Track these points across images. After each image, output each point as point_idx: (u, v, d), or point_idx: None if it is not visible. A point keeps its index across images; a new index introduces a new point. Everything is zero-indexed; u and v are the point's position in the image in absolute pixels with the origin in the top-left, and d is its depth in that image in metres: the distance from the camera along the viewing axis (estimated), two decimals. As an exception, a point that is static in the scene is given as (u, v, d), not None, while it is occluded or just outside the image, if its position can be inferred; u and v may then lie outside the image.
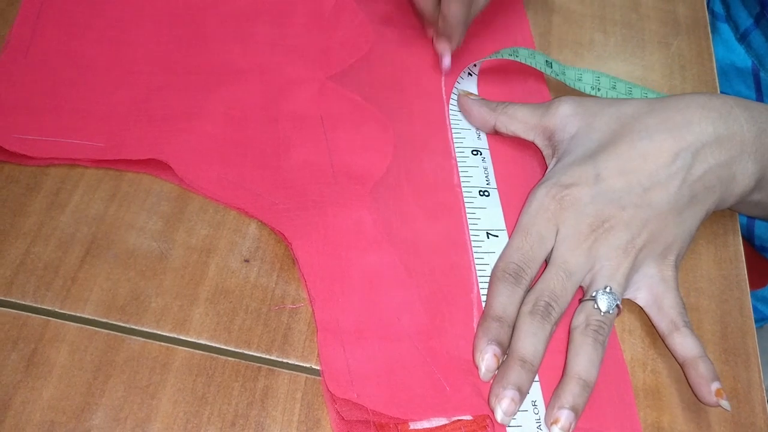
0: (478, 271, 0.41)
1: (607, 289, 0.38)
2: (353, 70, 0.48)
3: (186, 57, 0.47)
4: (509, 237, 0.42)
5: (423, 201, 0.43)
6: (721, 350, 0.40)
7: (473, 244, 0.42)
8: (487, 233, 0.42)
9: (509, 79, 0.50)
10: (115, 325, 0.37)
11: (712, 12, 0.68)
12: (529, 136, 0.45)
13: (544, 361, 0.37)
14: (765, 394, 0.39)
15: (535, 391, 0.37)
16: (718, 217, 0.46)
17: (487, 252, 0.41)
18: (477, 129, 0.47)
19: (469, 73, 0.50)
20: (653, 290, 0.40)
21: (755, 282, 0.57)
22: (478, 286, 0.40)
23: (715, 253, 0.44)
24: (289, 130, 0.44)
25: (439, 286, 0.40)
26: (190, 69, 0.47)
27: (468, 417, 0.35)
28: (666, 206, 0.40)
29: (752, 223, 0.69)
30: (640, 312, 0.41)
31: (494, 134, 0.47)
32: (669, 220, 0.40)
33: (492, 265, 0.41)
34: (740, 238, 0.45)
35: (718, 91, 0.54)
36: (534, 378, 0.37)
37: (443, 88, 0.49)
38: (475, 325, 0.38)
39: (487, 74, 0.50)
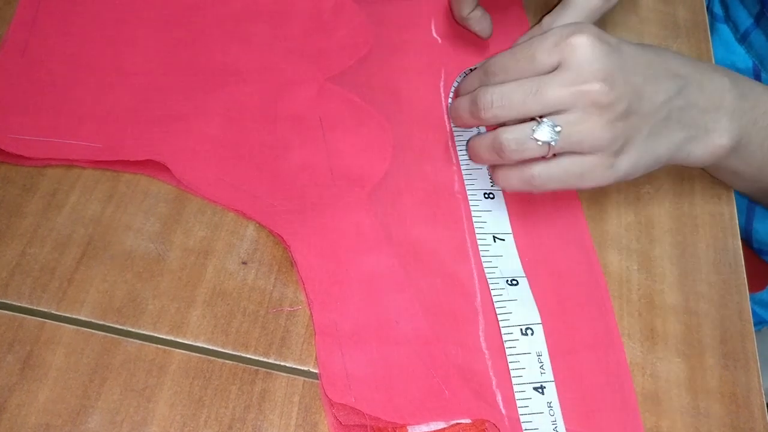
0: (488, 276, 0.40)
1: (557, 129, 0.38)
2: (352, 72, 0.48)
3: (184, 58, 0.47)
4: (515, 241, 0.42)
5: (423, 206, 0.43)
6: (720, 355, 0.40)
7: (480, 248, 0.41)
8: (494, 237, 0.42)
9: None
10: (111, 327, 0.37)
11: (711, 13, 0.68)
12: None
13: (559, 363, 0.38)
14: (764, 399, 0.39)
15: (551, 393, 0.37)
16: (717, 220, 0.46)
17: (494, 255, 0.41)
18: (479, 128, 0.47)
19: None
20: (574, 168, 0.40)
21: (753, 285, 0.57)
22: (482, 293, 0.40)
23: (714, 257, 0.44)
24: (288, 132, 0.44)
25: (438, 292, 0.39)
26: (188, 70, 0.46)
27: (467, 421, 0.35)
28: (647, 108, 0.40)
29: (750, 226, 0.69)
30: (639, 316, 0.41)
31: None
32: (642, 124, 0.40)
33: (501, 269, 0.40)
34: (740, 242, 0.45)
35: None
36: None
37: (442, 93, 0.49)
38: (481, 333, 0.38)
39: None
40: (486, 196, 0.44)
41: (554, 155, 0.39)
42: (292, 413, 0.36)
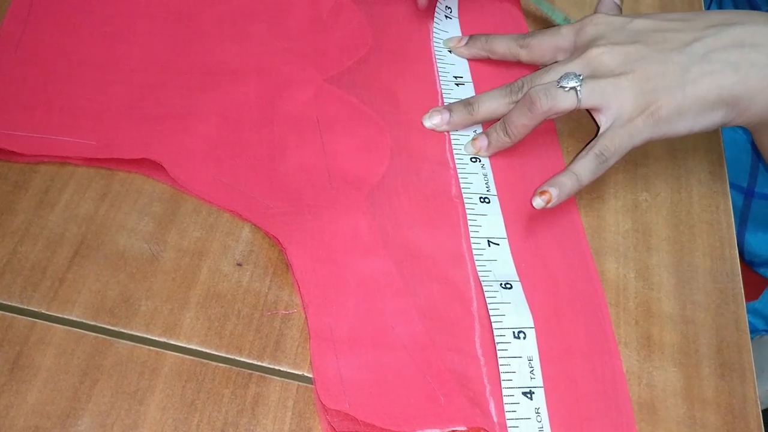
0: (481, 279, 0.40)
1: (580, 76, 0.41)
2: (350, 73, 0.48)
3: (181, 56, 0.46)
4: (509, 245, 0.41)
5: (420, 210, 0.42)
6: (716, 365, 0.40)
7: (474, 252, 0.41)
8: (488, 241, 0.42)
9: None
10: (103, 328, 0.37)
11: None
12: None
13: (554, 369, 0.37)
14: (760, 410, 0.39)
15: (539, 399, 0.36)
16: (715, 229, 0.46)
17: (488, 260, 0.41)
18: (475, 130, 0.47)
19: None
20: (618, 131, 0.41)
21: (746, 295, 0.57)
22: (477, 299, 0.39)
23: (711, 267, 0.44)
24: (285, 133, 0.44)
25: (435, 297, 0.39)
26: (186, 68, 0.46)
27: (462, 428, 0.34)
28: (670, 54, 0.40)
29: (742, 238, 0.69)
30: (635, 324, 0.41)
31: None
32: (669, 73, 0.40)
33: (494, 272, 0.40)
34: (737, 251, 0.45)
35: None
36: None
37: (440, 98, 0.48)
38: (476, 339, 0.38)
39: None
40: (481, 200, 0.43)
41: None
42: (286, 418, 0.35)
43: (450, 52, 0.50)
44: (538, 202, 0.40)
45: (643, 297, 0.42)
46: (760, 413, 0.39)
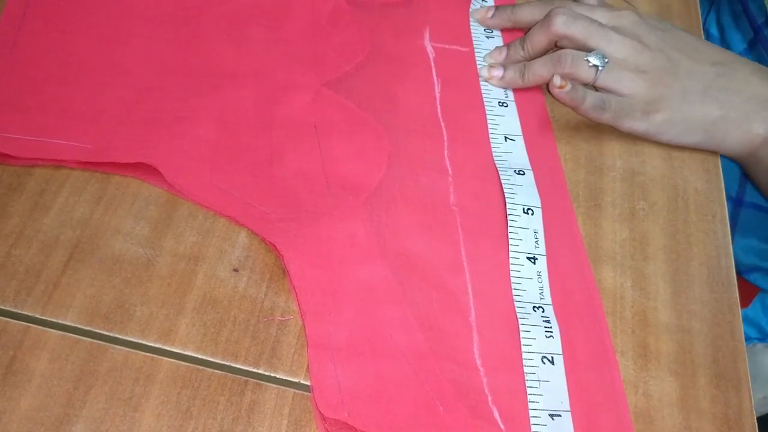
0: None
1: (605, 60, 0.46)
2: (348, 78, 0.48)
3: (179, 59, 0.46)
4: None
5: (418, 218, 0.42)
6: (712, 375, 0.40)
7: (465, 256, 0.41)
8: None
9: None
10: (98, 333, 0.36)
11: (707, 33, 0.68)
12: None
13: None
14: (755, 420, 0.39)
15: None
16: (711, 238, 0.46)
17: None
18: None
19: None
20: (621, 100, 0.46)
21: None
22: (476, 309, 0.39)
23: (707, 276, 0.44)
24: (283, 138, 0.44)
25: (433, 305, 0.39)
26: (183, 71, 0.45)
27: (460, 438, 0.34)
28: (684, 76, 0.46)
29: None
30: (631, 333, 0.41)
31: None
32: (677, 88, 0.46)
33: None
34: (732, 261, 0.45)
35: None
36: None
37: (438, 104, 0.48)
38: (475, 350, 0.38)
39: None
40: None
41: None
42: (282, 426, 0.35)
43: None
44: (556, 80, 0.46)
45: (639, 306, 0.42)
46: (756, 423, 0.39)
